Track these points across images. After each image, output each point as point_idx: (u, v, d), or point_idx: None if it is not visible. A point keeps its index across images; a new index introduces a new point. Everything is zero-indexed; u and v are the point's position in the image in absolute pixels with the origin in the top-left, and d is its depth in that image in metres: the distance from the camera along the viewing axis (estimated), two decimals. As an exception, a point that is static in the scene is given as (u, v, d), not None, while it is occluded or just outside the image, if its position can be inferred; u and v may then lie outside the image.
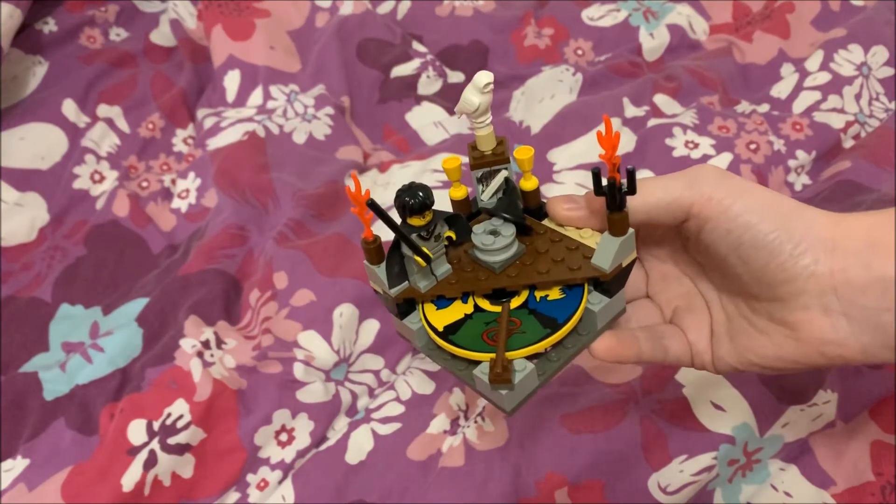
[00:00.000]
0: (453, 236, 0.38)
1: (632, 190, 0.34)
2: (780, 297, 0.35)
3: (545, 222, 0.40)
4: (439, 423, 0.60)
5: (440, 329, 0.37)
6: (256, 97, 0.92)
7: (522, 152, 0.38)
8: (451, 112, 0.93)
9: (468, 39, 1.00)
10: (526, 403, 0.36)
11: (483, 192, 0.40)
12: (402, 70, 0.96)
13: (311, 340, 0.67)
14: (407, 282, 0.38)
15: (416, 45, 0.99)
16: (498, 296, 0.38)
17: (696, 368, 0.41)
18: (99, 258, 0.81)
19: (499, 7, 1.02)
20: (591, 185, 0.39)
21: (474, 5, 1.02)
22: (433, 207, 0.36)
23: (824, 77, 0.84)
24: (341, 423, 0.64)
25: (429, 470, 0.58)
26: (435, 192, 0.37)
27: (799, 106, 0.83)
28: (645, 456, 0.55)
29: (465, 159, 0.41)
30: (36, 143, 0.89)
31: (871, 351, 0.34)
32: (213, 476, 0.61)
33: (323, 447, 0.62)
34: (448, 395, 0.62)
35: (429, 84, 0.96)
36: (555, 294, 0.37)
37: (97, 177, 0.89)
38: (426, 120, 0.92)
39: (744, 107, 0.86)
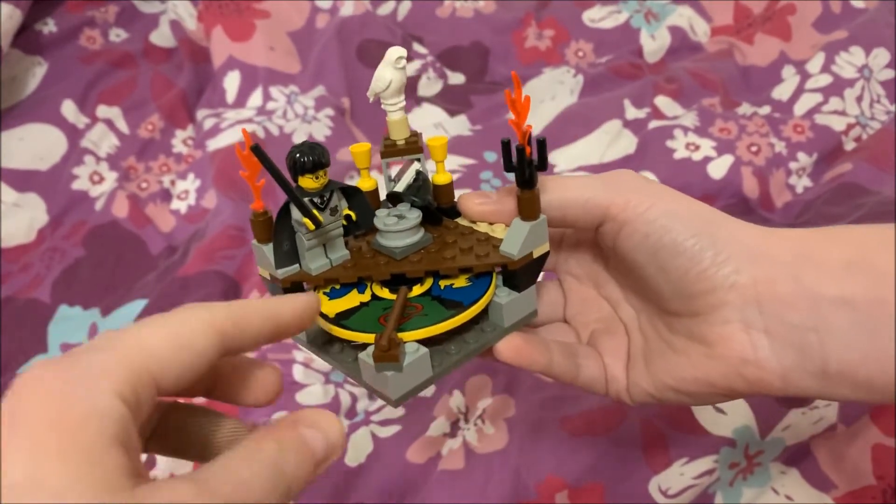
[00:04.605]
0: (353, 216, 0.34)
1: (542, 165, 0.31)
2: (700, 310, 0.32)
3: (457, 221, 0.38)
4: (439, 426, 0.60)
5: (331, 316, 0.33)
6: (256, 98, 0.92)
7: (435, 140, 0.36)
8: (451, 113, 0.93)
9: (469, 41, 1.00)
10: (527, 410, 0.33)
11: (394, 187, 0.37)
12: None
13: (310, 342, 0.66)
14: (297, 265, 0.35)
15: (417, 47, 0.99)
16: (398, 283, 0.34)
17: (610, 396, 0.37)
18: (98, 259, 0.81)
19: (499, 8, 1.02)
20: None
21: (475, 6, 1.02)
22: (330, 179, 0.33)
23: (825, 79, 0.84)
24: (341, 426, 0.64)
25: (428, 472, 0.58)
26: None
27: (800, 108, 0.83)
28: (645, 459, 0.55)
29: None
30: (35, 144, 0.89)
31: (792, 377, 0.30)
32: (211, 478, 0.61)
33: (322, 449, 0.62)
34: (448, 398, 0.62)
35: (429, 85, 0.95)
36: (461, 283, 0.35)
37: (96, 178, 0.89)
38: (426, 121, 0.92)
39: (745, 109, 0.86)
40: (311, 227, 0.32)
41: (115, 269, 0.80)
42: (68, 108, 0.91)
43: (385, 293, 0.35)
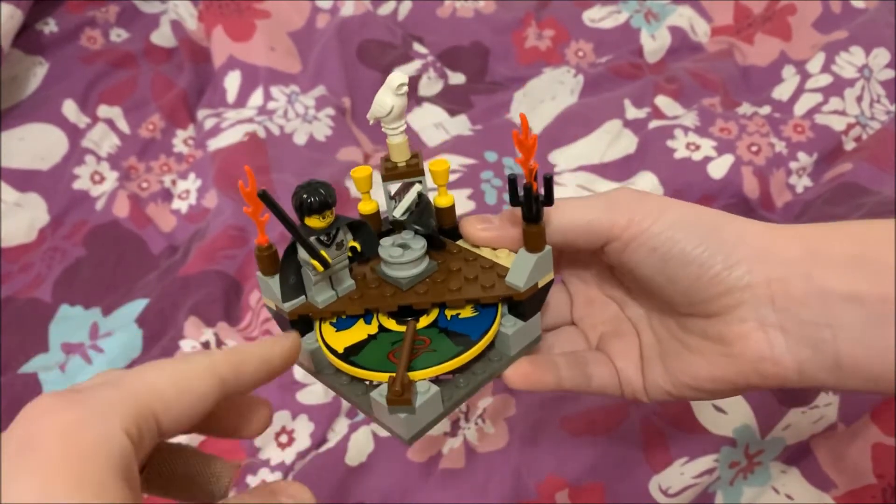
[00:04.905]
0: (358, 247, 0.34)
1: (549, 200, 0.32)
2: (715, 311, 0.32)
3: (459, 243, 0.37)
4: (440, 425, 0.60)
5: (340, 351, 0.33)
6: (257, 98, 0.92)
7: (437, 164, 0.36)
8: (452, 113, 0.93)
9: (469, 41, 1.00)
10: (528, 410, 0.33)
11: (395, 208, 0.37)
12: (402, 71, 0.96)
13: (311, 342, 0.66)
14: (304, 296, 0.35)
15: (417, 47, 0.99)
16: (405, 314, 0.35)
17: (626, 398, 0.38)
18: (99, 259, 0.81)
19: (500, 8, 1.02)
20: (590, 187, 0.39)
21: (475, 6, 1.02)
22: (337, 213, 0.33)
23: (826, 79, 0.84)
24: (341, 425, 0.64)
25: (429, 472, 0.58)
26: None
27: (800, 108, 0.83)
28: (646, 458, 0.55)
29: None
30: (36, 144, 0.89)
31: (808, 371, 0.31)
32: (212, 477, 0.61)
33: (323, 449, 0.62)
34: (448, 397, 0.62)
35: (430, 85, 0.96)
36: (467, 313, 0.35)
37: (97, 177, 0.89)
38: (427, 121, 0.92)
39: (745, 109, 0.86)
40: (320, 269, 0.32)
41: (116, 269, 0.81)
42: (69, 108, 0.91)
43: (391, 324, 0.35)
